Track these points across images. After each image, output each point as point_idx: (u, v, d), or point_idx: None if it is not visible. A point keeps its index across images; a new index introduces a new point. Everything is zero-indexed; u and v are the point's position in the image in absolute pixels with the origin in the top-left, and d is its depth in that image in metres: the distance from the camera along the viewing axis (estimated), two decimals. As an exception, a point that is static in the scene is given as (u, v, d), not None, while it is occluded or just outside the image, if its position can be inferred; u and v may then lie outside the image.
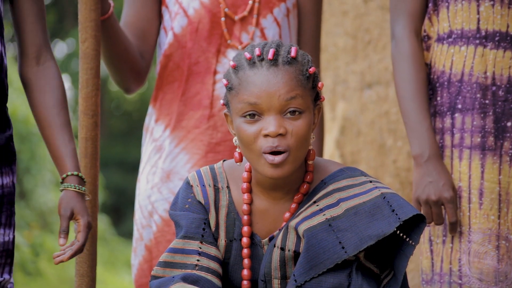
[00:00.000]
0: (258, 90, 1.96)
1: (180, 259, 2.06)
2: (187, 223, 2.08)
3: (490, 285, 2.45)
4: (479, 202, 2.47)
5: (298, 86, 1.97)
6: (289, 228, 2.03)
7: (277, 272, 2.04)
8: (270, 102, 1.96)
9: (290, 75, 1.97)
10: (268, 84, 1.96)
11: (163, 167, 2.75)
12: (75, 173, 2.28)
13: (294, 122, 1.97)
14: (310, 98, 2.01)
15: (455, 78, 2.52)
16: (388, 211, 1.98)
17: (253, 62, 1.98)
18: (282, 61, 1.98)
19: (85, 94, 2.40)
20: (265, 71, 1.97)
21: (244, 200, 2.08)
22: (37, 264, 7.83)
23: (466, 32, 2.51)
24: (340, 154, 3.97)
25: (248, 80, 1.97)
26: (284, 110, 1.96)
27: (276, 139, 1.96)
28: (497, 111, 2.48)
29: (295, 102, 1.96)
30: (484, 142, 2.47)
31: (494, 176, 2.47)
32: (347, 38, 3.97)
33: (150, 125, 2.82)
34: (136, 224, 2.80)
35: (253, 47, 2.01)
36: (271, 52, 1.97)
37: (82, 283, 2.39)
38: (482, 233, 2.47)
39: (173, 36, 2.76)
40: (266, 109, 1.96)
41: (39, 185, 8.45)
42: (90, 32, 2.42)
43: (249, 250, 2.08)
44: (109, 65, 2.74)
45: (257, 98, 1.96)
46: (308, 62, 2.02)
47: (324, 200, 2.03)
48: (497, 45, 2.48)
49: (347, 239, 1.97)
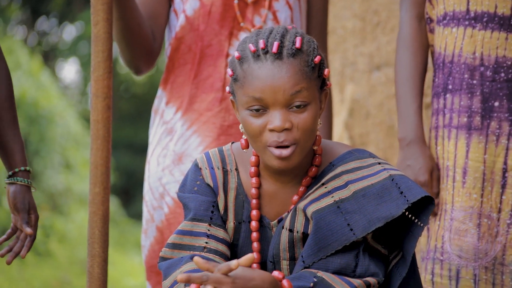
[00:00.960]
0: (262, 85, 1.93)
1: (188, 241, 2.07)
2: (196, 206, 2.09)
3: (469, 262, 2.47)
4: (462, 180, 2.49)
5: (303, 79, 1.95)
6: (298, 210, 2.04)
7: (285, 254, 2.06)
8: (275, 96, 1.93)
9: (295, 68, 1.94)
10: (273, 79, 1.93)
11: (175, 150, 2.76)
12: (26, 168, 2.30)
13: (300, 115, 1.95)
14: (316, 87, 1.99)
15: (447, 60, 2.54)
16: (396, 193, 1.98)
17: (258, 55, 1.95)
18: (287, 54, 1.94)
19: (97, 77, 2.41)
20: (270, 64, 1.94)
21: (253, 184, 2.08)
22: (48, 245, 7.87)
23: (457, 13, 2.52)
24: (349, 136, 3.98)
25: (253, 73, 1.94)
26: (290, 104, 1.94)
27: (282, 134, 1.95)
28: (485, 91, 2.48)
29: (301, 95, 1.94)
30: (471, 122, 2.49)
31: (479, 155, 2.48)
32: (356, 20, 3.97)
33: (160, 108, 2.83)
34: (146, 205, 2.81)
35: (258, 37, 1.98)
36: (275, 45, 1.94)
37: (94, 263, 2.40)
38: (463, 211, 2.48)
39: (185, 18, 2.76)
40: (271, 104, 1.94)
41: (48, 167, 8.47)
42: (102, 15, 2.42)
43: (258, 233, 2.09)
44: (122, 41, 2.71)
45: (262, 93, 1.93)
46: (313, 51, 1.99)
47: (333, 182, 2.03)
48: (485, 26, 2.49)
49: (355, 221, 1.98)
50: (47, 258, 7.79)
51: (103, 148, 2.38)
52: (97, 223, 2.41)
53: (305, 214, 2.02)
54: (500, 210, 2.47)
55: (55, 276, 7.43)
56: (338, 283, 1.96)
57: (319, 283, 1.95)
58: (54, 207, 8.58)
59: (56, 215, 8.48)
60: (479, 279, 2.46)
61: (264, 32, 1.99)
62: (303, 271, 1.99)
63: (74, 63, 15.07)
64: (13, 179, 2.30)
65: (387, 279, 2.07)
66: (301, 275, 1.98)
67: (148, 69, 2.81)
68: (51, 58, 14.84)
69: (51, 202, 8.54)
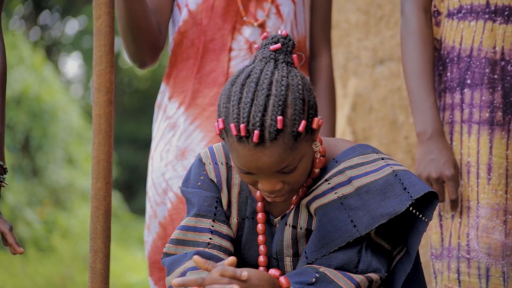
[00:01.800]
0: (248, 164, 1.90)
1: (192, 237, 2.07)
2: (199, 201, 2.09)
3: (498, 260, 2.46)
4: (487, 177, 2.48)
5: (288, 155, 1.89)
6: (301, 206, 2.03)
7: (289, 250, 2.05)
8: (262, 173, 1.91)
9: (278, 149, 1.88)
10: (257, 162, 1.89)
11: (178, 145, 2.75)
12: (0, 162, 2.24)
13: (291, 175, 1.93)
14: (306, 144, 1.94)
15: (464, 54, 2.52)
16: (400, 189, 1.97)
17: (240, 138, 1.88)
18: (269, 138, 1.87)
19: (99, 71, 2.40)
20: (253, 149, 1.88)
21: None
22: (50, 241, 7.87)
23: (475, 7, 2.50)
24: (352, 130, 3.97)
25: (238, 151, 1.90)
26: (279, 172, 1.92)
27: (273, 193, 1.95)
28: (506, 86, 2.47)
29: (288, 168, 1.91)
30: (493, 117, 2.47)
31: (502, 151, 2.47)
32: (359, 14, 3.96)
33: (163, 103, 2.82)
34: (149, 201, 2.81)
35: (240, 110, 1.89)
36: (255, 135, 1.86)
37: (96, 259, 2.40)
38: (490, 208, 2.47)
39: (188, 13, 2.76)
40: (259, 175, 1.93)
41: (51, 162, 8.47)
42: (104, 9, 2.41)
43: (263, 225, 2.08)
44: (128, 34, 2.69)
45: (248, 169, 1.91)
46: (298, 116, 1.89)
47: (336, 178, 2.02)
48: (506, 20, 2.47)
49: (358, 217, 1.97)
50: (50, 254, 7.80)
51: (105, 143, 2.38)
52: (99, 218, 2.41)
53: (309, 210, 2.02)
54: None
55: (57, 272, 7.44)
56: (340, 279, 1.96)
57: (321, 279, 1.95)
58: (56, 202, 8.58)
59: (59, 210, 8.48)
60: (507, 277, 2.45)
61: (245, 104, 1.89)
62: (305, 267, 1.99)
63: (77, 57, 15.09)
64: None
65: (391, 275, 2.07)
66: (303, 270, 1.98)
67: (152, 63, 2.80)
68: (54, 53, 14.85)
69: (53, 197, 8.54)
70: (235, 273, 1.83)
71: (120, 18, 2.66)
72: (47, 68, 9.26)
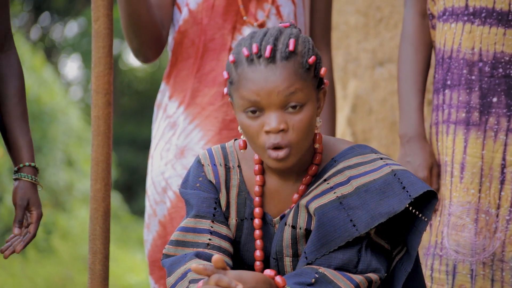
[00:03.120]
0: (256, 88, 1.93)
1: (192, 238, 2.06)
2: (198, 203, 2.09)
3: (466, 257, 2.47)
4: (460, 176, 2.49)
5: (297, 80, 1.94)
6: (300, 206, 2.03)
7: (288, 250, 2.05)
8: (270, 99, 1.93)
9: (288, 70, 1.94)
10: (267, 82, 1.93)
11: (177, 144, 2.75)
12: (32, 164, 2.30)
13: (296, 117, 1.95)
14: (312, 87, 1.98)
15: (446, 55, 2.54)
16: (399, 188, 1.98)
17: (251, 59, 1.94)
18: (280, 57, 1.93)
19: (98, 73, 2.41)
20: (263, 68, 1.93)
21: (257, 182, 2.08)
22: (50, 242, 7.87)
23: (456, 9, 2.52)
24: (351, 132, 3.97)
25: (247, 77, 1.94)
26: (285, 105, 1.94)
27: (278, 135, 1.94)
28: (483, 87, 2.48)
29: (295, 97, 1.94)
30: (469, 118, 2.49)
31: (477, 150, 2.48)
32: (359, 16, 3.96)
33: (163, 102, 2.83)
34: (149, 200, 2.81)
35: (252, 40, 1.98)
36: (268, 49, 1.93)
37: (95, 260, 2.41)
38: (461, 206, 2.49)
39: (188, 12, 2.76)
40: (266, 106, 1.94)
41: (50, 164, 8.47)
42: (102, 11, 2.42)
43: (261, 231, 2.09)
44: (130, 28, 2.69)
45: (256, 96, 1.93)
46: (308, 52, 1.98)
47: (335, 178, 2.02)
48: (483, 21, 2.48)
49: (358, 217, 1.97)
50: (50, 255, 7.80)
51: (104, 144, 2.38)
52: (99, 219, 2.41)
53: (308, 210, 2.02)
54: (499, 206, 2.46)
55: (57, 273, 7.45)
56: (340, 279, 1.96)
57: (321, 279, 1.95)
58: (56, 204, 8.58)
59: (59, 212, 8.48)
60: (476, 275, 2.46)
61: (258, 35, 1.99)
62: (304, 267, 1.99)
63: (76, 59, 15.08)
64: (18, 175, 2.29)
65: (391, 275, 2.07)
66: (302, 271, 1.98)
67: (155, 57, 2.80)
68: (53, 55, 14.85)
69: (53, 199, 8.54)
70: (230, 284, 1.82)
71: (123, 14, 2.66)
72: (46, 70, 9.27)
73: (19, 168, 2.30)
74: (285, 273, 2.07)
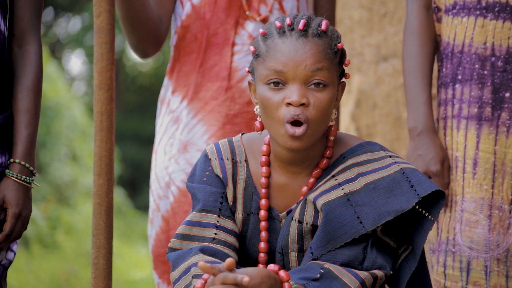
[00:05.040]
0: (285, 58, 1.96)
1: (197, 232, 2.06)
2: (205, 197, 2.09)
3: (480, 253, 2.47)
4: (472, 171, 2.48)
5: (325, 59, 1.97)
6: (307, 201, 2.03)
7: (294, 245, 2.05)
8: (296, 71, 1.95)
9: (318, 47, 1.97)
10: (296, 53, 1.96)
11: (181, 138, 2.75)
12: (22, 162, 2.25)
13: (317, 94, 1.96)
14: (336, 73, 2.00)
15: (456, 49, 2.53)
16: (407, 187, 1.98)
17: (283, 31, 1.98)
18: (312, 33, 1.97)
19: (100, 68, 2.41)
20: (294, 40, 1.97)
21: (263, 173, 2.08)
22: (54, 237, 7.88)
23: (467, 3, 2.51)
24: (355, 127, 3.97)
25: (276, 48, 1.97)
26: (309, 81, 1.96)
27: (298, 109, 1.95)
28: (496, 81, 2.47)
29: (321, 74, 1.96)
30: (481, 113, 2.48)
31: (489, 146, 2.47)
32: (363, 11, 3.95)
33: (167, 97, 2.83)
34: (152, 195, 2.81)
35: (284, 16, 2.02)
36: (301, 22, 1.97)
37: (99, 255, 2.41)
38: (474, 202, 2.48)
39: (191, 7, 2.76)
40: (291, 78, 1.96)
41: (55, 159, 8.48)
42: (104, 6, 2.42)
43: (266, 223, 2.08)
44: (128, 24, 2.70)
45: (283, 66, 1.96)
46: (337, 38, 2.01)
47: (343, 174, 2.02)
48: (496, 16, 2.47)
49: (365, 214, 1.97)
50: (54, 250, 7.81)
51: (107, 140, 2.39)
52: (102, 214, 2.41)
53: (315, 206, 2.02)
54: (511, 202, 2.45)
55: (62, 268, 7.45)
56: (345, 275, 1.96)
57: (326, 275, 1.95)
58: (60, 199, 8.59)
59: (63, 207, 8.49)
60: (490, 271, 2.45)
61: (290, 14, 2.04)
62: (310, 263, 1.99)
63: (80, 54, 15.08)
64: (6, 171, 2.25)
65: (396, 273, 2.06)
66: (308, 266, 1.97)
67: (154, 53, 2.81)
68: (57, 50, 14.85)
69: (57, 194, 8.55)
70: (236, 279, 1.82)
71: (119, 10, 2.67)
72: (51, 65, 9.26)
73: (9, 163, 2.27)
74: (290, 268, 2.06)
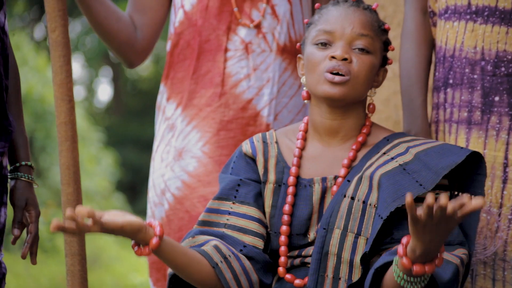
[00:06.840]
0: (335, 20, 2.15)
1: (214, 218, 2.22)
2: (224, 185, 2.24)
3: None
4: None
5: (372, 30, 2.16)
6: (363, 178, 2.10)
7: (341, 222, 2.10)
8: (343, 31, 2.14)
9: (367, 17, 2.17)
10: (346, 17, 2.15)
11: (176, 146, 2.76)
12: (28, 163, 2.30)
13: (360, 56, 2.13)
14: (380, 49, 2.19)
15: (448, 54, 2.53)
16: (457, 149, 2.13)
17: (337, 1, 2.20)
18: (363, 6, 2.18)
19: (60, 81, 2.44)
20: (346, 7, 2.17)
21: (297, 145, 2.20)
22: (54, 242, 7.90)
23: (458, 7, 2.51)
24: (352, 131, 3.97)
25: (328, 13, 2.18)
26: (354, 44, 2.14)
27: (340, 62, 2.11)
28: (485, 85, 2.47)
29: (366, 40, 2.14)
30: (471, 117, 2.48)
31: (479, 150, 2.46)
32: (359, 15, 3.95)
33: (162, 104, 2.83)
34: (149, 202, 2.83)
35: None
36: None
37: (74, 261, 2.45)
38: None
39: (184, 14, 2.77)
40: (338, 37, 2.14)
41: (54, 164, 8.50)
42: (59, 21, 2.47)
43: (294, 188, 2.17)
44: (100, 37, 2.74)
45: (332, 25, 2.15)
46: (384, 24, 2.19)
47: (394, 150, 2.15)
48: (486, 20, 2.47)
49: (422, 177, 2.07)
50: (54, 254, 7.83)
51: (72, 149, 2.41)
52: (73, 222, 2.40)
53: (371, 181, 2.08)
54: (501, 205, 2.45)
55: (61, 272, 7.47)
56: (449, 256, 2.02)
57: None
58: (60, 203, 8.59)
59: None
60: (476, 274, 2.45)
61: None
62: None
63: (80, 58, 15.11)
64: (15, 174, 2.28)
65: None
66: None
67: (139, 62, 2.83)
68: (59, 54, 14.83)
69: (57, 198, 8.57)
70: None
71: (95, 26, 2.71)
72: (50, 70, 9.28)
73: (15, 167, 2.28)
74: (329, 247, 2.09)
